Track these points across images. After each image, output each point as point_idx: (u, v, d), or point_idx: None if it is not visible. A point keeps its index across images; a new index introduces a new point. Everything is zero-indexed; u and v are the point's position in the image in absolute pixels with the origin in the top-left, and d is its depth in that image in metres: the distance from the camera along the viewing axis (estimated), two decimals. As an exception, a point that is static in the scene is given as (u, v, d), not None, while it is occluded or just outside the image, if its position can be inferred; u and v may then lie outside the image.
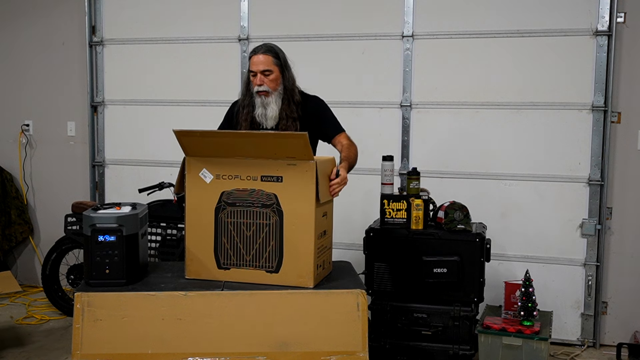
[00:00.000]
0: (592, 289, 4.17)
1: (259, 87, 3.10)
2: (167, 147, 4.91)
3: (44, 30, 5.19)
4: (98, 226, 2.56)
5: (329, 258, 2.79)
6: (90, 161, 5.10)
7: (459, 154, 4.33)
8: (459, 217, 3.49)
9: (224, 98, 4.75)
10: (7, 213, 5.18)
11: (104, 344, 2.46)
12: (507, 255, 4.29)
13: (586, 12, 4.05)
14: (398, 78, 4.40)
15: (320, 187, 2.55)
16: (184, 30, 4.81)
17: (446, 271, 3.46)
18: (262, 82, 3.10)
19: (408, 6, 4.34)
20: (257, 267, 2.60)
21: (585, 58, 4.08)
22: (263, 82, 3.10)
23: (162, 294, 2.51)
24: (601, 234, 4.13)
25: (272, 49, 3.15)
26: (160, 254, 4.41)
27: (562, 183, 4.18)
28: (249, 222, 2.59)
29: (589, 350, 4.16)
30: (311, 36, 4.53)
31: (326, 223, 2.72)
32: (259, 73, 3.09)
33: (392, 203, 3.56)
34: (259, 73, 3.09)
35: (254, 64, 3.09)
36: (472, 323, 3.51)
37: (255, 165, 2.56)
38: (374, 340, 3.53)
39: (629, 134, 4.11)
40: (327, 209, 2.72)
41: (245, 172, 2.57)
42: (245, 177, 2.57)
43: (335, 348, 2.51)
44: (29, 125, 5.30)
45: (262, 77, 3.09)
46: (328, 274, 2.78)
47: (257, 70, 3.09)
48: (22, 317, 4.59)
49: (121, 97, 5.02)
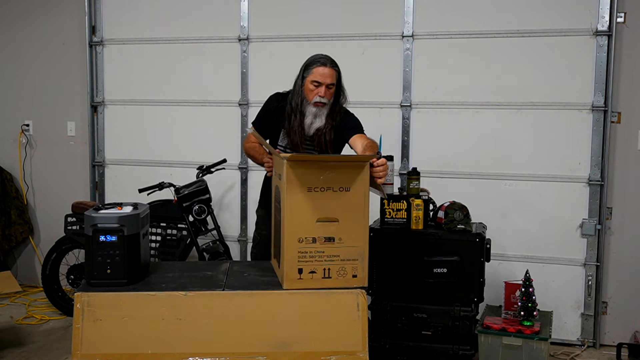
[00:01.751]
0: (592, 289, 4.17)
1: (321, 99, 3.16)
2: (167, 147, 4.93)
3: (44, 30, 5.19)
4: (99, 226, 2.56)
5: (335, 269, 2.59)
6: (90, 161, 5.10)
7: (459, 154, 4.33)
8: (459, 217, 3.49)
9: (224, 98, 4.78)
10: (7, 213, 5.18)
11: (104, 344, 2.46)
12: (507, 255, 4.29)
13: (586, 12, 4.06)
14: (398, 78, 4.40)
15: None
16: (184, 30, 4.81)
17: (446, 271, 3.46)
18: (325, 94, 3.16)
19: (408, 6, 4.34)
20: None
21: (585, 58, 4.08)
22: (325, 95, 3.17)
23: (162, 294, 2.51)
24: (601, 234, 4.14)
25: (336, 63, 3.22)
26: (160, 254, 4.41)
27: (562, 183, 4.18)
28: None
29: (589, 350, 4.16)
30: (311, 36, 4.53)
31: (323, 229, 2.57)
32: (324, 85, 3.15)
33: (392, 203, 3.56)
34: (324, 85, 3.15)
35: (322, 76, 3.15)
36: (472, 323, 3.51)
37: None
38: (374, 340, 3.53)
39: (629, 134, 4.11)
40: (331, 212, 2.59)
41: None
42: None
43: (335, 348, 2.51)
44: (29, 125, 5.30)
45: (326, 89, 3.16)
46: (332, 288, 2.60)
47: (325, 82, 3.15)
48: (22, 317, 4.59)
49: (121, 97, 5.02)
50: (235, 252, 4.78)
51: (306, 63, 3.23)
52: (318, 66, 3.17)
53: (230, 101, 4.75)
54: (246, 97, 4.70)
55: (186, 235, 4.37)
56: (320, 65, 3.17)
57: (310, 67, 3.19)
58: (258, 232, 3.55)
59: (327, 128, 3.23)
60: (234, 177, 4.81)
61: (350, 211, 2.55)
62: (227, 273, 2.80)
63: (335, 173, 2.53)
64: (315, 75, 3.16)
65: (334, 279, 2.57)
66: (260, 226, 3.53)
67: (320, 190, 2.53)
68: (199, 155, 4.78)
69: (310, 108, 3.19)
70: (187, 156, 4.84)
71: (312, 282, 2.56)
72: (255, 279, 2.74)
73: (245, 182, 4.77)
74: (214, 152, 4.67)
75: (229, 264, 2.98)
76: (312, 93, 3.18)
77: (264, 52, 4.67)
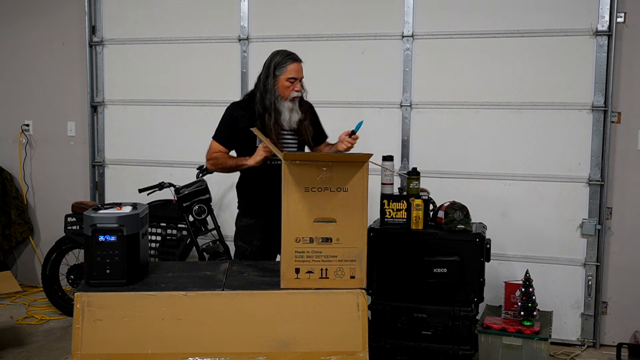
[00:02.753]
0: (592, 289, 4.17)
1: (298, 93, 3.25)
2: (167, 147, 4.93)
3: (44, 30, 5.19)
4: (99, 226, 2.56)
5: (333, 269, 2.60)
6: (90, 161, 5.10)
7: (459, 154, 4.33)
8: (459, 217, 3.49)
9: (224, 98, 4.75)
10: (7, 213, 5.18)
11: (104, 344, 2.46)
12: (507, 255, 4.29)
13: (586, 12, 4.05)
14: (398, 78, 4.40)
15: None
16: (184, 30, 4.81)
17: (446, 271, 3.46)
18: (299, 89, 3.25)
19: (408, 6, 4.34)
20: None
21: (585, 58, 4.08)
22: (300, 89, 3.25)
23: (162, 294, 2.51)
24: (601, 234, 4.13)
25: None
26: (160, 254, 4.41)
27: (562, 183, 4.18)
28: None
29: (589, 350, 4.16)
30: (311, 36, 4.53)
31: (321, 229, 2.57)
32: (299, 80, 3.24)
33: (392, 203, 3.56)
34: (299, 80, 3.24)
35: (296, 72, 3.23)
36: (472, 323, 3.51)
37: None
38: (374, 340, 3.53)
39: (629, 134, 4.11)
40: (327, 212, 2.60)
41: None
42: None
43: (335, 348, 2.51)
44: (29, 125, 5.30)
45: (299, 84, 3.25)
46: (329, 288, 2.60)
47: (299, 77, 3.25)
48: (22, 317, 4.59)
49: (121, 97, 5.02)
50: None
51: (276, 61, 3.25)
52: (291, 63, 3.23)
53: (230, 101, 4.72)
54: (246, 97, 4.70)
55: (186, 235, 4.37)
56: (293, 62, 3.24)
57: (282, 65, 3.23)
58: (247, 242, 3.36)
59: (308, 119, 3.34)
60: (233, 177, 4.79)
61: (348, 212, 2.55)
62: (226, 273, 2.80)
63: (333, 173, 2.53)
64: (290, 72, 3.22)
65: (331, 280, 2.57)
66: (248, 236, 3.36)
67: (317, 190, 2.53)
68: (199, 155, 4.76)
69: (286, 104, 3.24)
70: (187, 156, 4.83)
71: (309, 282, 2.56)
72: (255, 279, 2.74)
73: (245, 182, 4.76)
74: (214, 152, 4.67)
75: (229, 264, 2.98)
76: (288, 90, 3.23)
77: (264, 52, 4.61)
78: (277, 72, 3.23)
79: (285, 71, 3.22)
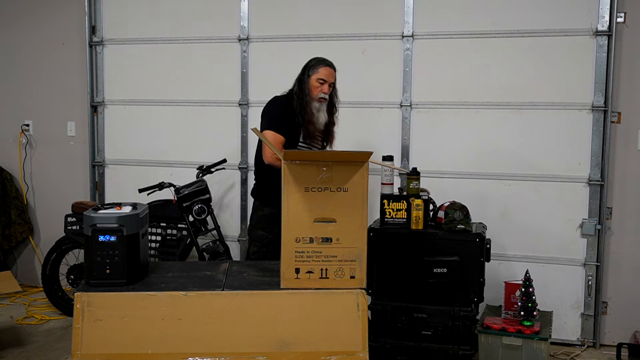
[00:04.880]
0: (592, 289, 4.17)
1: (324, 95, 3.56)
2: (167, 147, 4.93)
3: (44, 30, 5.19)
4: (99, 226, 2.56)
5: (333, 269, 2.60)
6: (90, 161, 5.10)
7: (459, 154, 4.33)
8: (459, 217, 3.49)
9: (224, 98, 4.78)
10: (7, 213, 5.18)
11: (104, 344, 2.46)
12: (507, 255, 4.29)
13: (586, 12, 4.06)
14: (398, 78, 4.40)
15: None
16: (184, 30, 4.81)
17: (446, 271, 3.46)
18: (327, 91, 3.56)
19: (408, 6, 4.34)
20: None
21: (585, 58, 4.08)
22: (327, 92, 3.57)
23: (162, 294, 2.51)
24: (601, 234, 4.13)
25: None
26: (160, 254, 4.42)
27: (562, 183, 4.18)
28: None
29: (589, 350, 4.16)
30: (311, 36, 4.53)
31: (321, 229, 2.57)
32: (328, 83, 3.55)
33: (392, 203, 3.56)
34: (328, 83, 3.55)
35: (328, 75, 3.56)
36: (472, 323, 3.51)
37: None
38: (374, 340, 3.53)
39: (629, 134, 4.11)
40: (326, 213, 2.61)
41: None
42: None
43: (335, 348, 2.51)
44: (29, 125, 5.30)
45: (328, 87, 3.56)
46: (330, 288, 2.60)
47: (329, 81, 3.57)
48: (22, 317, 4.59)
49: (121, 97, 5.02)
50: (235, 252, 4.78)
51: (311, 63, 3.58)
52: (324, 66, 3.56)
53: (230, 101, 4.75)
54: (246, 97, 4.70)
55: (186, 235, 4.37)
56: (326, 66, 3.57)
57: (316, 67, 3.56)
58: (268, 231, 3.63)
59: (333, 122, 3.66)
60: (234, 177, 4.81)
61: (348, 212, 2.55)
62: (226, 273, 2.80)
63: (333, 173, 2.53)
64: (321, 74, 3.55)
65: (331, 280, 2.57)
66: (269, 225, 3.60)
67: (317, 190, 2.53)
68: (199, 155, 4.78)
69: (314, 104, 3.54)
70: (187, 156, 4.84)
71: (309, 282, 2.56)
72: (255, 279, 2.74)
73: (245, 182, 4.76)
74: (214, 152, 4.67)
75: (229, 264, 2.98)
76: (316, 89, 3.54)
77: (264, 52, 4.67)
78: (309, 72, 3.56)
79: (317, 72, 3.55)
